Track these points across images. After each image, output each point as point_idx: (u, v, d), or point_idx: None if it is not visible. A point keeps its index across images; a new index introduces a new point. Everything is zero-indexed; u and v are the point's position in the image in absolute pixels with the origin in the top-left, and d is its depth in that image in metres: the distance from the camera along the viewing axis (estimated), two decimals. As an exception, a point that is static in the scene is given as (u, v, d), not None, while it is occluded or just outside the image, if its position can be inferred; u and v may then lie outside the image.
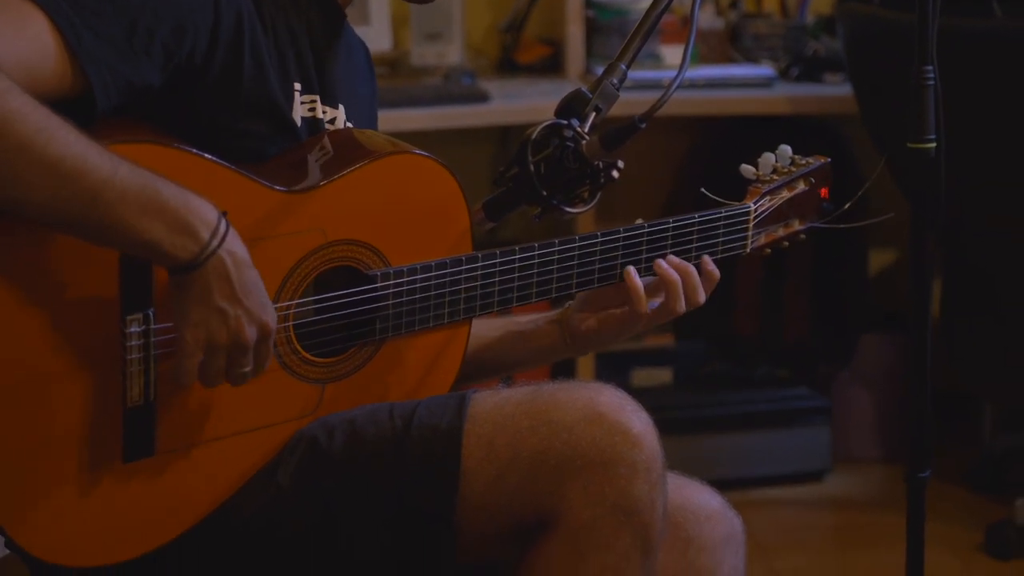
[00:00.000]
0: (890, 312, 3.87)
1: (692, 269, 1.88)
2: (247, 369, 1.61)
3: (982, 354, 3.26)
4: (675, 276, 1.87)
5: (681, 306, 1.87)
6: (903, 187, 2.87)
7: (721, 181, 2.04)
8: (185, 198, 1.54)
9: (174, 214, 1.53)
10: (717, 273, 1.91)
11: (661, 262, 1.87)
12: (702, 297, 1.89)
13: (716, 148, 3.76)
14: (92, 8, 1.56)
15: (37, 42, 1.52)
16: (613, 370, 3.62)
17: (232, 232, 1.57)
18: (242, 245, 1.58)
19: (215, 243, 1.55)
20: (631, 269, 1.86)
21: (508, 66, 3.73)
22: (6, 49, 1.49)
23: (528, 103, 3.35)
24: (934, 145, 1.93)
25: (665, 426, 1.74)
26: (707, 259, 1.91)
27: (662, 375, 3.71)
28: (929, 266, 1.97)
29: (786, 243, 2.04)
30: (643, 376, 3.69)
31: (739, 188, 2.02)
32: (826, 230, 2.09)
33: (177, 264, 1.54)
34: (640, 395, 3.66)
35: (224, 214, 1.57)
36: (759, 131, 3.67)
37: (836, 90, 3.49)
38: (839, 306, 3.80)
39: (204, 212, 1.55)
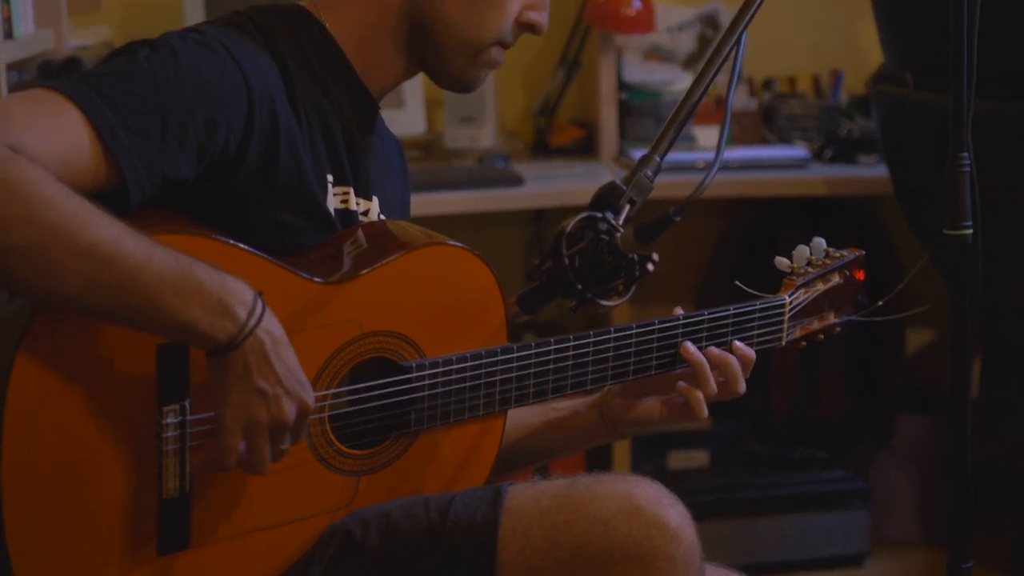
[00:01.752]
0: (928, 392, 3.84)
1: (732, 358, 1.88)
2: (285, 446, 1.61)
3: (1021, 434, 3.22)
4: (730, 358, 1.88)
5: (741, 387, 1.88)
6: (940, 269, 2.85)
7: (755, 264, 2.03)
8: (221, 279, 1.54)
9: (210, 295, 1.53)
10: (752, 354, 1.91)
11: (713, 348, 1.88)
12: (743, 386, 1.89)
13: (750, 229, 3.75)
14: (126, 103, 1.57)
15: (72, 137, 1.53)
16: (649, 453, 3.61)
17: (269, 312, 1.57)
18: (279, 325, 1.58)
19: (252, 323, 1.55)
20: (688, 344, 1.86)
21: (542, 149, 3.74)
22: (41, 142, 1.50)
23: (562, 186, 3.36)
24: (971, 232, 1.92)
25: (702, 509, 1.73)
26: (738, 343, 1.90)
27: (699, 457, 3.68)
28: (968, 351, 1.96)
29: (822, 336, 2.04)
30: (680, 458, 3.67)
31: (774, 272, 2.03)
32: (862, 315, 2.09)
33: (216, 345, 1.54)
34: (677, 478, 3.64)
35: (260, 294, 1.57)
36: (794, 212, 3.66)
37: (871, 171, 3.48)
38: (876, 386, 3.77)
39: (241, 292, 1.55)
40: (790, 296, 1.98)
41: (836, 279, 2.03)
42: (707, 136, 3.65)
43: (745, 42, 1.77)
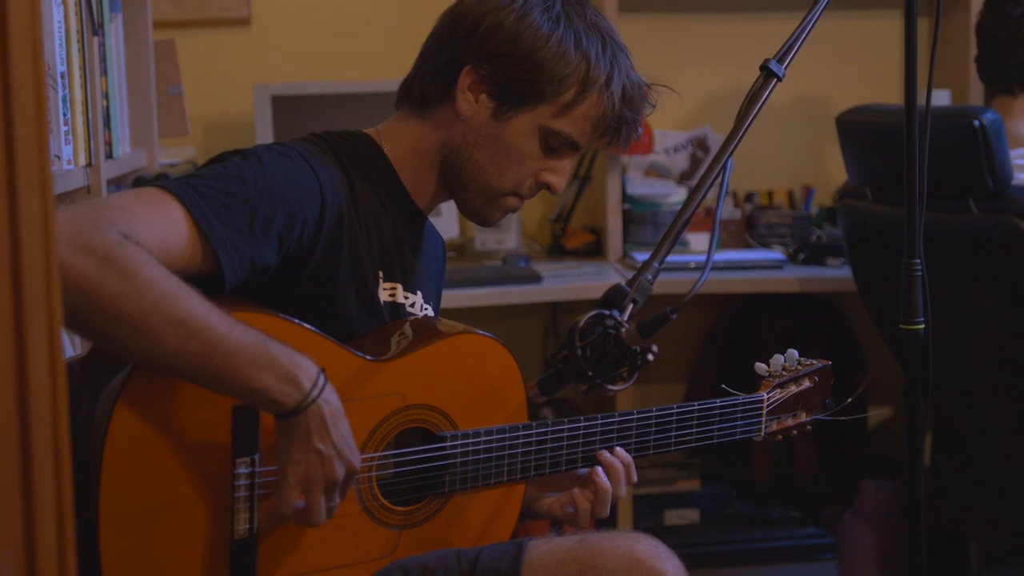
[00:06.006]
0: (887, 460, 3.83)
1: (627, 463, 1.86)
2: (335, 503, 1.61)
3: (964, 500, 3.20)
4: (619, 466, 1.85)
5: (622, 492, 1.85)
6: (897, 357, 2.85)
7: (740, 352, 2.05)
8: (291, 354, 1.56)
9: (281, 367, 1.54)
10: (625, 460, 1.87)
11: (605, 453, 1.85)
12: (621, 492, 1.86)
13: (735, 321, 3.76)
14: (220, 200, 1.61)
15: (174, 228, 1.56)
16: (648, 511, 3.60)
17: (330, 386, 1.58)
18: (337, 397, 1.59)
19: (315, 393, 1.56)
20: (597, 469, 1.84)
21: (558, 251, 3.76)
22: (148, 231, 1.53)
23: (574, 283, 3.37)
24: (923, 327, 1.93)
25: (693, 560, 1.74)
26: (618, 450, 1.86)
27: (690, 515, 3.67)
28: (921, 427, 1.96)
29: (795, 432, 2.05)
30: (674, 516, 3.65)
31: (753, 375, 2.06)
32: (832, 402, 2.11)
33: (283, 410, 1.56)
34: (671, 532, 3.60)
35: (323, 370, 1.58)
36: (772, 306, 3.67)
37: (838, 272, 3.48)
38: (842, 455, 3.76)
39: (307, 366, 1.57)
40: (767, 394, 2.00)
41: (807, 383, 2.06)
42: (698, 241, 3.67)
43: (732, 165, 1.79)
